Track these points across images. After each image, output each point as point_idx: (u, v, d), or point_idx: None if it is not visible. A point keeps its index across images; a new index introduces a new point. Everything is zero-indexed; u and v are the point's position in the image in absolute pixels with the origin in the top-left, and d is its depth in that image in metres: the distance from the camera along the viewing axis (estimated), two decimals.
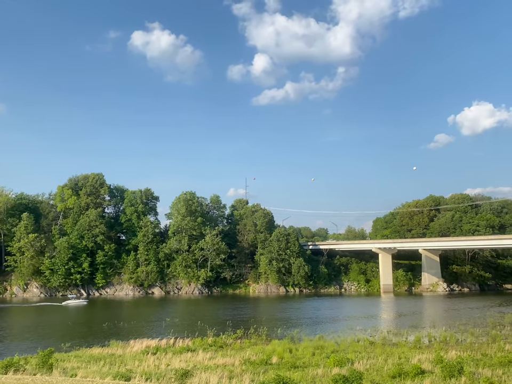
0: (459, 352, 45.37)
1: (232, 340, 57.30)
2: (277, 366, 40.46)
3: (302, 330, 64.69)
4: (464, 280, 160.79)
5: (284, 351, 46.30)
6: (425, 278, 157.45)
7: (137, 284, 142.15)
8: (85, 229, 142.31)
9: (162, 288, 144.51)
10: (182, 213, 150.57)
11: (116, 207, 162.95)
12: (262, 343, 55.12)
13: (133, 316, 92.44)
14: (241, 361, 42.33)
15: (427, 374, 34.33)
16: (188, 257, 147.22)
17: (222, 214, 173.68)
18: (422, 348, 51.16)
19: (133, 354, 48.58)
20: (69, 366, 41.13)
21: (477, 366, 37.44)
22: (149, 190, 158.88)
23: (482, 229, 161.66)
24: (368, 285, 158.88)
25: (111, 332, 68.41)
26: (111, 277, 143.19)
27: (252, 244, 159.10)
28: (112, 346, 53.66)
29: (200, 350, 49.88)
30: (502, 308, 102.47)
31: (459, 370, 32.96)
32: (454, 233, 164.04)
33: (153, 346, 52.31)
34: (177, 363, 42.10)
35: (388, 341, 57.00)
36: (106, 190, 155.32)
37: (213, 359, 44.24)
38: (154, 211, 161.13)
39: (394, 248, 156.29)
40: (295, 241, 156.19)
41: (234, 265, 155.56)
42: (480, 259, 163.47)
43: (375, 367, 38.42)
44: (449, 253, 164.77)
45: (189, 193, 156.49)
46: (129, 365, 41.70)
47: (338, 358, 40.25)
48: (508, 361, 37.57)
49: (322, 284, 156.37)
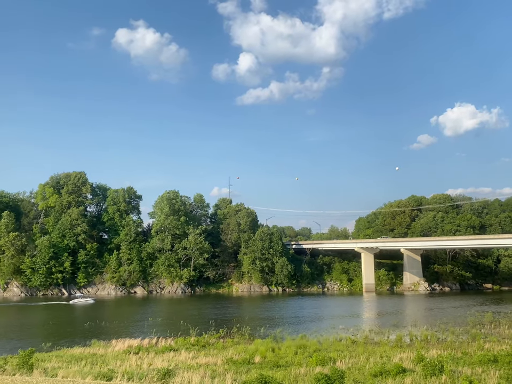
0: (440, 350, 45.84)
1: (215, 339, 57.24)
2: (259, 365, 40.48)
3: (285, 330, 64.85)
4: (445, 280, 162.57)
5: (267, 350, 46.35)
6: (406, 277, 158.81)
7: (120, 283, 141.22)
8: (67, 228, 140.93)
9: (145, 288, 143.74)
10: (165, 212, 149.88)
11: (98, 205, 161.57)
12: (245, 343, 55.13)
13: (115, 316, 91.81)
14: (223, 361, 42.29)
15: (408, 373, 34.63)
16: (171, 257, 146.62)
17: (205, 213, 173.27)
18: (403, 346, 51.59)
19: (114, 354, 48.23)
20: (50, 366, 40.69)
21: (457, 364, 37.86)
22: (131, 188, 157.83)
23: (463, 229, 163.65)
24: (350, 284, 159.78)
25: (93, 332, 67.84)
26: (93, 276, 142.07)
27: (235, 243, 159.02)
28: (93, 346, 53.21)
29: (183, 349, 49.72)
30: (482, 307, 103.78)
31: (440, 369, 33.31)
32: (435, 233, 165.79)
33: (135, 346, 51.98)
34: (159, 363, 41.90)
35: (370, 339, 57.42)
36: (89, 189, 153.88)
37: (196, 359, 44.13)
38: (137, 210, 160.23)
39: (376, 247, 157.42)
40: (278, 240, 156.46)
41: (218, 265, 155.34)
42: (461, 259, 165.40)
43: (357, 366, 38.66)
44: (430, 253, 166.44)
45: (172, 192, 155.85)
46: (111, 364, 41.39)
47: (321, 357, 40.43)
48: (488, 359, 38.05)
49: (305, 283, 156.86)
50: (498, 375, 32.86)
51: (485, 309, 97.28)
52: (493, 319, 75.17)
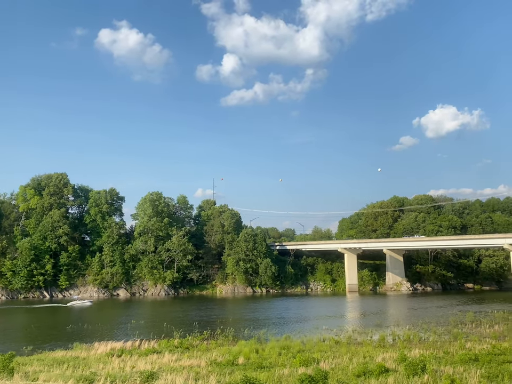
0: (422, 350, 46.24)
1: (199, 341, 57.05)
2: (243, 366, 40.44)
3: (269, 331, 64.87)
4: (427, 280, 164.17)
5: (251, 351, 46.32)
6: (389, 277, 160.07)
7: (102, 285, 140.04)
8: (48, 230, 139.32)
9: (128, 290, 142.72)
10: (148, 213, 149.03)
11: (80, 207, 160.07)
12: (229, 344, 55.04)
13: (97, 318, 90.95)
14: (207, 362, 42.16)
15: (391, 372, 34.87)
16: (154, 258, 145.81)
17: (189, 215, 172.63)
18: (386, 346, 51.94)
19: (97, 356, 47.80)
20: (31, 369, 40.15)
21: (439, 363, 38.23)
22: (114, 190, 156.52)
23: (444, 229, 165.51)
24: (334, 284, 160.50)
25: (75, 335, 67.13)
26: (75, 278, 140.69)
27: (219, 244, 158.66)
28: (76, 349, 52.65)
29: (166, 351, 49.45)
30: (463, 306, 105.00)
31: (422, 368, 33.61)
32: (417, 234, 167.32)
33: (118, 348, 51.54)
34: (142, 365, 41.62)
35: (353, 340, 57.70)
36: (70, 190, 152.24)
37: (179, 361, 43.92)
38: (119, 212, 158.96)
39: (359, 248, 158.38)
40: (262, 241, 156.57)
41: (201, 266, 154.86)
42: (443, 259, 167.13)
43: (341, 366, 38.83)
44: (412, 253, 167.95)
45: (156, 193, 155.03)
46: (94, 367, 41.01)
47: (304, 358, 40.52)
48: (469, 358, 38.49)
49: (289, 284, 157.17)
50: (479, 374, 33.26)
51: (466, 308, 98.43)
52: (474, 318, 76.07)
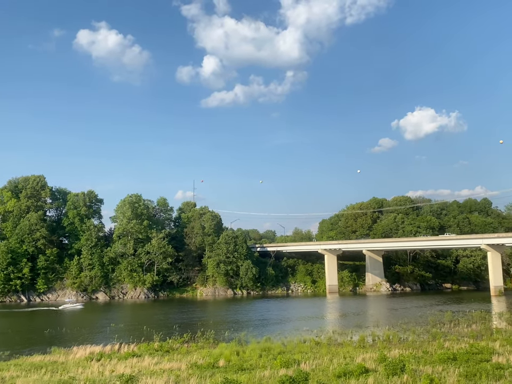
0: (401, 350, 46.62)
1: (179, 344, 56.64)
2: (224, 369, 40.30)
3: (249, 333, 64.74)
4: (406, 280, 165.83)
5: (231, 353, 46.18)
6: (369, 278, 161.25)
7: (81, 289, 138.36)
8: (25, 233, 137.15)
9: (107, 293, 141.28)
10: (128, 215, 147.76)
11: (58, 210, 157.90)
12: (209, 347, 54.78)
13: (76, 322, 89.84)
14: (187, 365, 41.91)
15: (371, 373, 35.08)
16: (134, 261, 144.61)
17: (169, 217, 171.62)
18: (366, 347, 52.23)
19: (76, 361, 47.16)
20: (8, 375, 39.44)
21: (418, 363, 38.57)
22: (92, 192, 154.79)
23: (423, 230, 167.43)
24: (314, 285, 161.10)
25: (53, 339, 66.18)
26: (53, 282, 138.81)
27: (200, 246, 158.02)
28: (54, 353, 51.86)
29: (146, 355, 49.01)
30: (441, 306, 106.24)
31: (401, 368, 33.89)
32: (396, 235, 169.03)
33: (97, 352, 50.91)
34: (122, 369, 41.18)
35: (333, 341, 57.89)
36: (48, 193, 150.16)
37: (159, 364, 43.57)
38: (98, 214, 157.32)
39: (339, 249, 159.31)
40: (243, 243, 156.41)
41: (182, 269, 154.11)
42: (421, 259, 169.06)
43: (321, 367, 38.93)
44: (391, 254, 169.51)
45: (135, 195, 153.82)
46: (72, 372, 40.45)
47: (285, 359, 40.54)
48: (447, 358, 38.91)
49: (270, 285, 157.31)
50: (458, 373, 33.66)
51: (445, 308, 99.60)
52: (452, 318, 76.95)
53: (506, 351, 42.76)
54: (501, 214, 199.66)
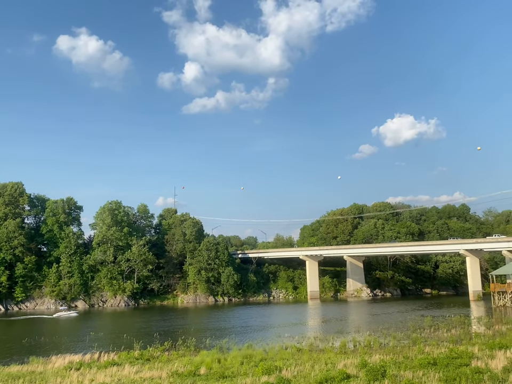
0: (382, 355, 46.78)
1: (160, 352, 56.07)
2: (205, 377, 39.98)
3: (231, 340, 64.42)
4: (386, 285, 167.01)
5: (213, 361, 45.84)
6: (349, 284, 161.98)
7: (60, 297, 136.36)
8: (3, 241, 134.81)
9: (86, 301, 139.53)
10: (107, 223, 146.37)
11: (37, 217, 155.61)
12: (190, 354, 54.32)
13: (54, 331, 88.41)
14: (168, 374, 41.47)
15: (352, 379, 35.11)
16: (114, 269, 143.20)
17: (149, 224, 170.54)
18: (347, 352, 52.31)
19: (54, 370, 46.32)
20: None
21: (399, 368, 38.72)
22: (71, 199, 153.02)
23: (402, 235, 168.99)
24: (296, 292, 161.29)
25: (31, 348, 64.99)
26: (31, 290, 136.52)
27: (181, 253, 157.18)
28: (32, 363, 50.87)
29: (127, 363, 48.40)
30: (422, 311, 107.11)
31: (382, 373, 33.99)
32: (376, 240, 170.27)
33: (76, 361, 50.11)
34: (102, 378, 40.59)
35: (315, 347, 57.89)
36: (26, 200, 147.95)
37: (140, 373, 43.04)
38: (77, 221, 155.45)
39: (320, 255, 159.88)
40: (224, 250, 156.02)
41: (162, 276, 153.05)
42: (401, 265, 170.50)
43: (303, 374, 38.84)
44: (372, 259, 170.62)
45: (115, 202, 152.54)
46: (51, 382, 39.72)
47: (267, 366, 40.38)
48: (428, 362, 39.11)
49: (251, 292, 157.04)
50: (438, 378, 33.87)
51: (425, 313, 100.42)
52: (432, 323, 77.58)
53: (485, 355, 43.16)
54: (479, 219, 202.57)
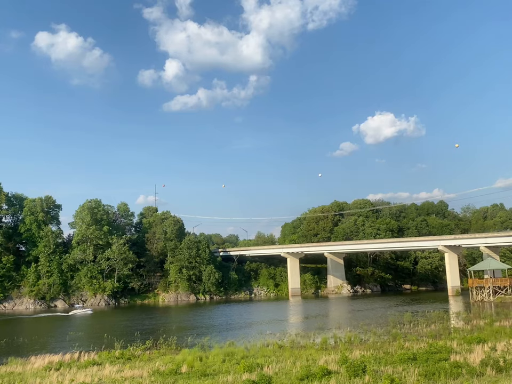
0: (363, 351, 47.14)
1: (141, 351, 55.72)
2: (186, 375, 39.88)
3: (213, 338, 64.28)
4: (366, 282, 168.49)
5: (194, 359, 45.72)
6: (330, 280, 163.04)
7: (39, 297, 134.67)
8: None
9: (66, 301, 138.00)
10: (87, 221, 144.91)
11: (15, 216, 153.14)
12: (172, 353, 54.09)
13: (33, 331, 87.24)
14: (149, 373, 41.27)
15: (333, 374, 35.34)
16: (94, 268, 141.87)
17: (130, 222, 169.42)
18: (328, 349, 52.60)
19: (34, 371, 45.74)
20: None
21: (379, 364, 39.07)
22: (50, 198, 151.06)
23: (382, 232, 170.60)
24: (277, 289, 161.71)
25: (9, 349, 64.07)
26: (10, 290, 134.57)
27: (162, 252, 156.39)
28: (10, 363, 50.13)
29: (107, 363, 48.03)
30: (401, 307, 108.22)
31: (363, 369, 34.25)
32: (356, 237, 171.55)
33: (56, 361, 49.53)
34: (82, 378, 40.19)
35: (296, 343, 58.09)
36: (3, 199, 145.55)
37: (121, 372, 42.74)
38: (56, 220, 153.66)
39: (301, 252, 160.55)
40: (205, 248, 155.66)
41: (143, 275, 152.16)
42: (381, 261, 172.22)
43: (284, 370, 38.98)
44: (352, 256, 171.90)
45: (94, 201, 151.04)
46: (30, 382, 39.20)
47: (248, 364, 40.42)
48: (407, 358, 39.52)
49: (233, 290, 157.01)
50: (417, 372, 34.25)
51: (405, 309, 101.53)
52: (412, 318, 78.36)
53: (464, 349, 43.78)
54: (457, 216, 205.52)
